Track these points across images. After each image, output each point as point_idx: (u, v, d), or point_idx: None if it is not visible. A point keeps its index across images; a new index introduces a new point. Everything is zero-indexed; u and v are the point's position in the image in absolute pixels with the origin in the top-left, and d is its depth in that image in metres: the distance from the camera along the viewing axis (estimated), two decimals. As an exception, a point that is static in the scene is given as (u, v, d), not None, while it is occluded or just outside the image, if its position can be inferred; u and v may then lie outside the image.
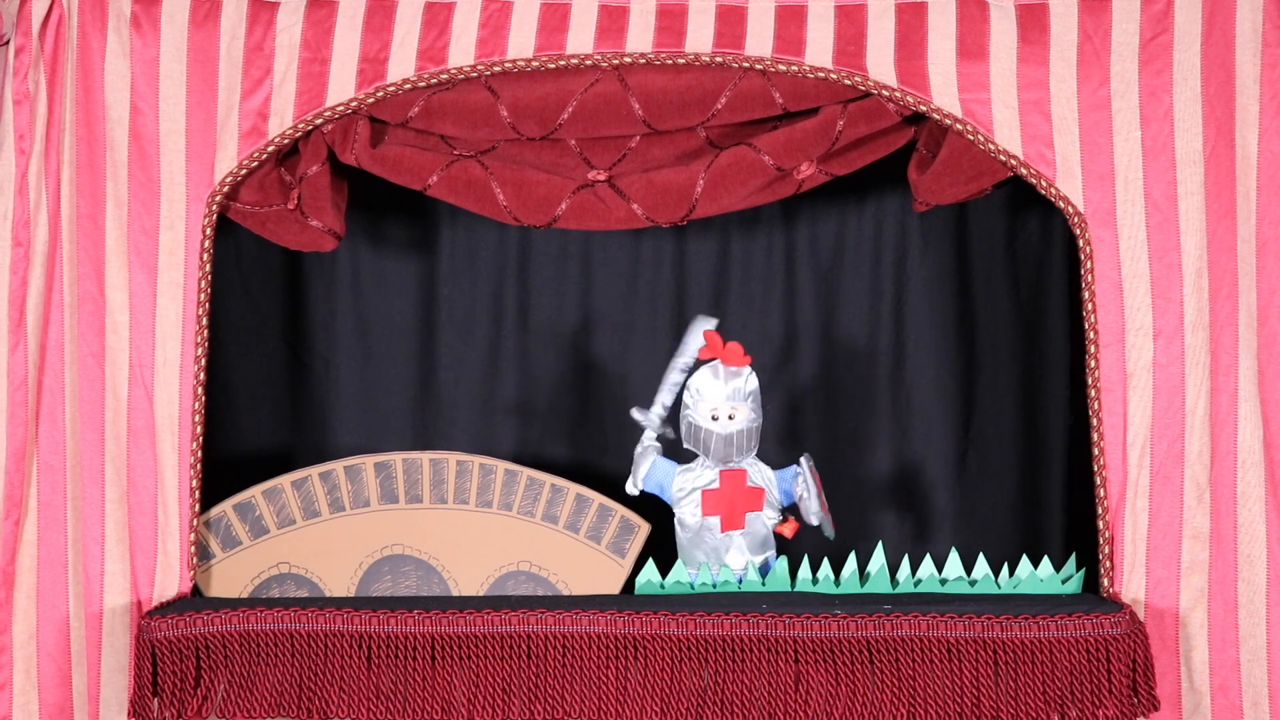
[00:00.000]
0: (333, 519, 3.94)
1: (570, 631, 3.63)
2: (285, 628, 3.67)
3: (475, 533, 3.93)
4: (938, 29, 3.72)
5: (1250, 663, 3.69)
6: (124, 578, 3.79)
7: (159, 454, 3.81)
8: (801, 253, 4.33)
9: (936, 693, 3.56)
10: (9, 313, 3.74)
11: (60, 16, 3.78)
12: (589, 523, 3.92)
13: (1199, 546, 3.70)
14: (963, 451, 4.29)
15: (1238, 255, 3.70)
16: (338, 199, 3.92)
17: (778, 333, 4.33)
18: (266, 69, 3.79)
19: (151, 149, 3.81)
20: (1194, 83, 3.69)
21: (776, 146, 3.76)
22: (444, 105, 3.78)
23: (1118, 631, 3.56)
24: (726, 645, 3.60)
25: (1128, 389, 3.71)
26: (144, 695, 3.68)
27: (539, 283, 4.35)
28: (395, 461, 3.95)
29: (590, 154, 3.87)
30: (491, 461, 3.95)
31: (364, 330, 4.36)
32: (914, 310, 4.30)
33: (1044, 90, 3.70)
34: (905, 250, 4.31)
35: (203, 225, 3.81)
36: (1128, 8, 3.71)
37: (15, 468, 3.73)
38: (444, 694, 3.63)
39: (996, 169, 3.77)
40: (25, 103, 3.74)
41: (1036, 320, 4.27)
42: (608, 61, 3.75)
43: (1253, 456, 3.69)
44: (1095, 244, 3.71)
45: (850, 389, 4.31)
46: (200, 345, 3.81)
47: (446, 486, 3.94)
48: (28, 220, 3.74)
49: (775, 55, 3.72)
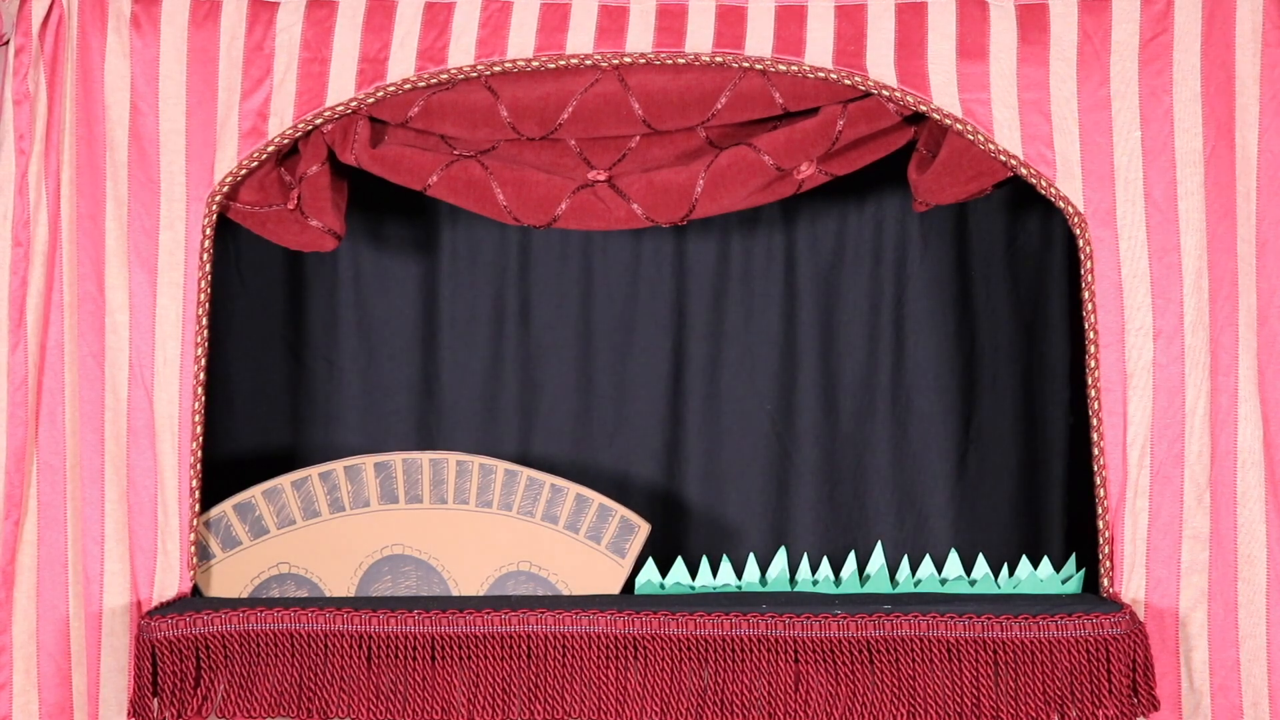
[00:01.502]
0: (333, 519, 3.94)
1: (570, 631, 3.63)
2: (285, 628, 3.67)
3: (475, 533, 3.93)
4: (938, 29, 3.72)
5: (1250, 663, 3.69)
6: (124, 578, 3.79)
7: (159, 454, 3.81)
8: (801, 253, 4.32)
9: (936, 693, 3.56)
10: (9, 313, 3.74)
11: (60, 16, 3.78)
12: (589, 523, 3.93)
13: (1199, 546, 3.69)
14: (963, 451, 4.29)
15: (1238, 255, 3.70)
16: (338, 199, 3.92)
17: (777, 333, 4.32)
18: (266, 69, 3.79)
19: (151, 149, 3.81)
20: (1194, 83, 3.69)
21: (776, 146, 3.76)
22: (444, 105, 3.78)
23: (1118, 631, 3.56)
24: (726, 645, 3.60)
25: (1128, 389, 3.71)
26: (144, 695, 3.68)
27: (539, 283, 4.35)
28: (395, 462, 3.95)
29: (590, 154, 3.87)
30: (491, 461, 3.95)
31: (365, 330, 4.35)
32: (914, 310, 4.30)
33: (1044, 90, 3.70)
34: (905, 250, 4.30)
35: (203, 225, 3.81)
36: (1128, 8, 3.71)
37: (15, 468, 3.73)
38: (444, 694, 3.63)
39: (996, 169, 3.77)
40: (25, 103, 3.74)
41: (1036, 320, 4.27)
42: (608, 61, 3.76)
43: (1253, 456, 3.69)
44: (1095, 244, 3.71)
45: (850, 389, 4.31)
46: (200, 345, 3.81)
47: (446, 487, 3.94)
48: (28, 220, 3.74)
49: (775, 55, 3.72)
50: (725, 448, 4.26)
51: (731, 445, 4.26)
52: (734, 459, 4.26)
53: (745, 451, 4.25)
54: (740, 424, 4.26)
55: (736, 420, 4.26)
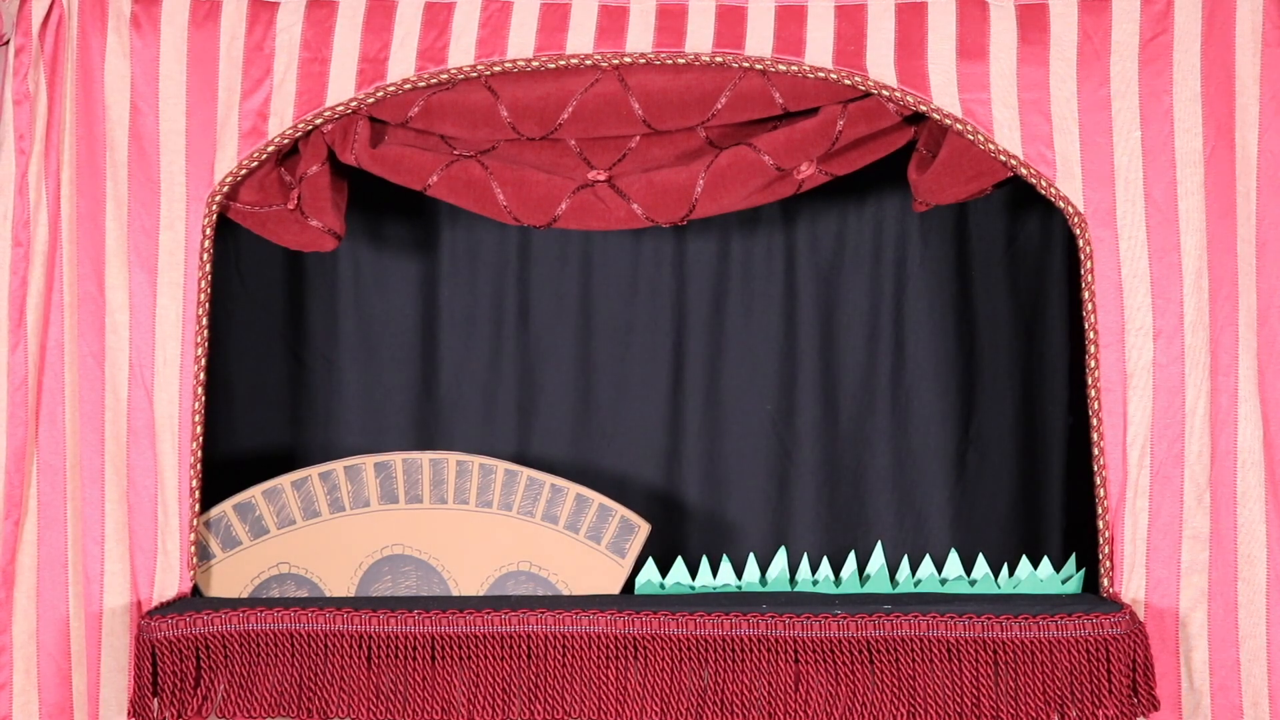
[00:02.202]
0: (333, 519, 3.94)
1: (570, 631, 3.63)
2: (285, 628, 3.67)
3: (475, 533, 3.93)
4: (938, 29, 3.72)
5: (1250, 663, 3.69)
6: (124, 578, 3.79)
7: (159, 454, 3.81)
8: (801, 253, 4.32)
9: (936, 693, 3.56)
10: (9, 313, 3.74)
11: (60, 16, 3.78)
12: (589, 523, 3.92)
13: (1199, 546, 3.69)
14: (962, 451, 4.29)
15: (1238, 255, 3.70)
16: (338, 199, 3.92)
17: (777, 332, 4.32)
18: (266, 69, 3.79)
19: (151, 149, 3.81)
20: (1194, 83, 3.69)
21: (776, 146, 3.76)
22: (444, 105, 3.78)
23: (1118, 631, 3.56)
24: (726, 645, 3.60)
25: (1128, 389, 3.71)
26: (144, 695, 3.68)
27: (539, 283, 4.35)
28: (395, 461, 3.95)
29: (590, 154, 3.87)
30: (491, 461, 3.95)
31: (364, 330, 4.35)
32: (914, 310, 4.30)
33: (1044, 90, 3.70)
34: (905, 250, 4.30)
35: (203, 225, 3.81)
36: (1128, 8, 3.71)
37: (15, 468, 3.73)
38: (444, 694, 3.63)
39: (996, 169, 3.77)
40: (25, 103, 3.75)
41: (1036, 320, 4.27)
42: (608, 61, 3.75)
43: (1253, 456, 3.69)
44: (1095, 244, 3.71)
45: (850, 389, 4.31)
46: (200, 345, 3.81)
47: (446, 486, 3.94)
48: (28, 220, 3.74)
49: (775, 55, 3.72)
50: (725, 448, 4.26)
51: (731, 445, 4.26)
52: (734, 459, 4.26)
53: (745, 451, 4.25)
54: (740, 424, 4.26)
55: (736, 420, 4.26)
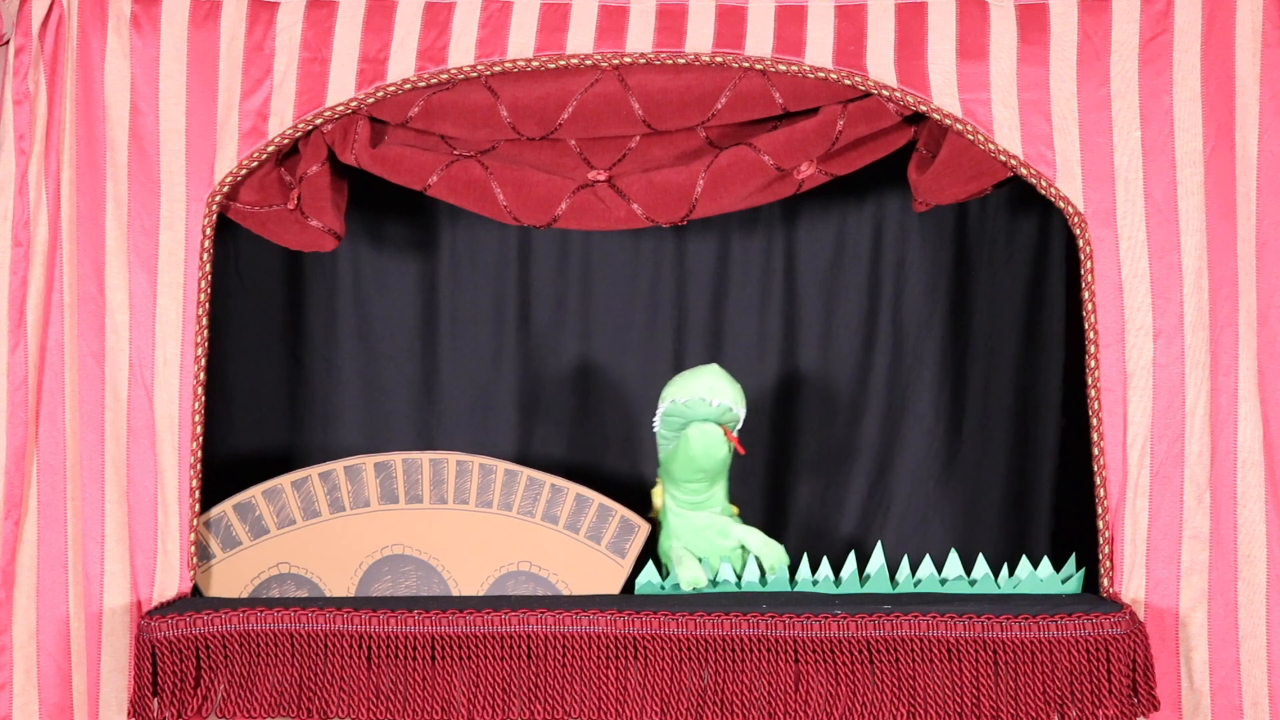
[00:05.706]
0: (333, 519, 3.94)
1: (570, 631, 3.63)
2: (285, 628, 3.67)
3: (475, 533, 3.93)
4: (938, 29, 3.72)
5: (1250, 663, 3.69)
6: (124, 578, 3.79)
7: (159, 454, 3.81)
8: (801, 253, 4.33)
9: (936, 693, 3.56)
10: (9, 313, 3.74)
11: (60, 16, 3.78)
12: (589, 523, 3.93)
13: (1199, 546, 3.70)
14: (962, 451, 4.29)
15: (1238, 255, 3.70)
16: (338, 199, 3.92)
17: (777, 332, 4.33)
18: (266, 69, 3.79)
19: (151, 149, 3.81)
20: (1194, 83, 3.70)
21: (776, 146, 3.76)
22: (444, 105, 3.78)
23: (1118, 631, 3.56)
24: (726, 645, 3.60)
25: (1128, 389, 3.71)
26: (144, 695, 3.68)
27: (539, 283, 4.35)
28: (395, 462, 3.95)
29: (590, 154, 3.87)
30: (491, 462, 3.95)
31: (364, 330, 4.36)
32: (913, 310, 4.30)
33: (1044, 90, 3.70)
34: (905, 250, 4.31)
35: (203, 225, 3.81)
36: (1128, 8, 3.71)
37: (15, 468, 3.73)
38: (444, 694, 3.63)
39: (996, 169, 3.77)
40: (25, 103, 3.74)
41: (1035, 320, 4.27)
42: (608, 61, 3.76)
43: (1253, 456, 3.69)
44: (1095, 244, 3.71)
45: (849, 388, 4.31)
46: (200, 345, 3.81)
47: (446, 487, 3.94)
48: (28, 220, 3.75)
49: (775, 55, 3.72)
50: (725, 448, 4.26)
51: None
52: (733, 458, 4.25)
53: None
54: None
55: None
